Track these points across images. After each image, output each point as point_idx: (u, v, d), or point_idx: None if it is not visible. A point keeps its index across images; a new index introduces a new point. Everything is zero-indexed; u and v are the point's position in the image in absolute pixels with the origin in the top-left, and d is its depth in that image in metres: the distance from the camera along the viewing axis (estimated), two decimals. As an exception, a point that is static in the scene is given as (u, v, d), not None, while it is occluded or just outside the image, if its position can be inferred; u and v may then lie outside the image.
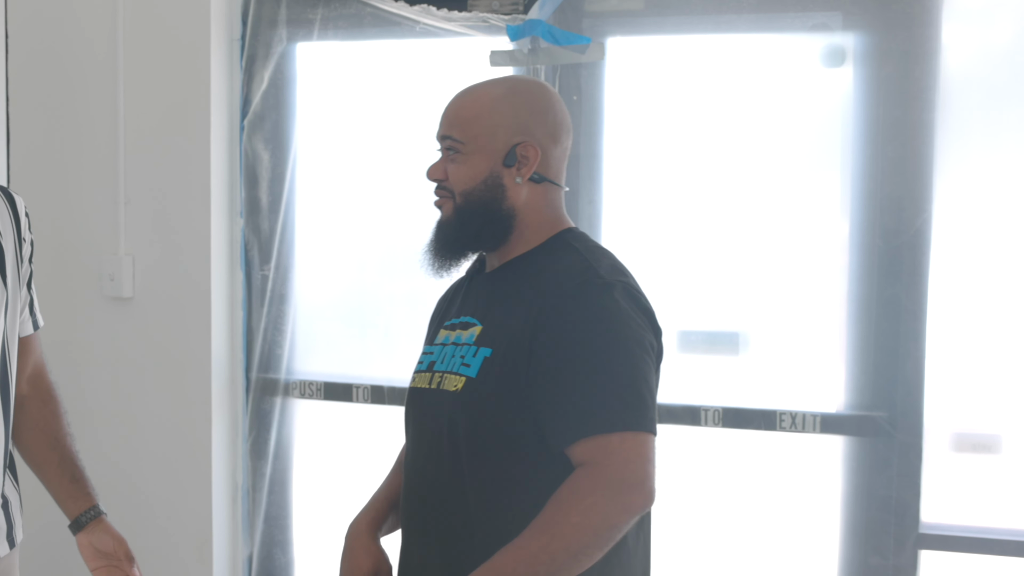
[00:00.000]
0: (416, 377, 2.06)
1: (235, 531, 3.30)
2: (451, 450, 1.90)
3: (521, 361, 1.84)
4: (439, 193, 2.01)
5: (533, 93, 2.02)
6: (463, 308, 2.04)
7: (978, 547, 2.83)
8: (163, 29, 3.16)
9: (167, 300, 3.20)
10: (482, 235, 1.98)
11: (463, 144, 1.96)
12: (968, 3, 2.78)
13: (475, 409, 1.87)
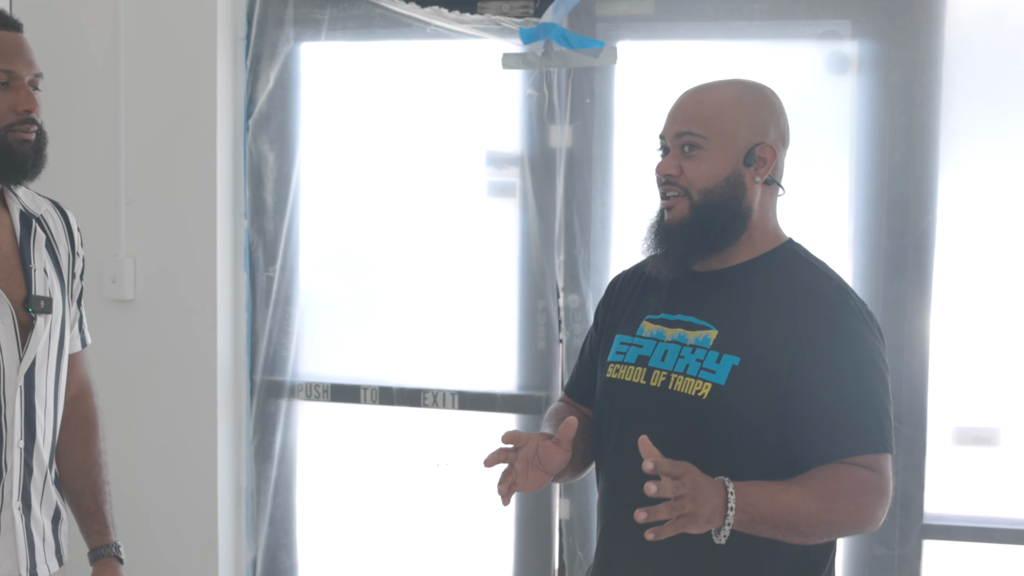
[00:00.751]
0: (620, 368, 2.01)
1: (239, 534, 3.29)
2: (692, 455, 1.80)
3: (779, 374, 1.84)
4: (670, 190, 1.96)
5: (768, 96, 2.02)
6: (676, 305, 2.00)
7: (979, 536, 2.90)
8: (166, 28, 3.14)
9: (170, 302, 3.18)
10: (724, 234, 1.94)
11: (706, 140, 1.92)
12: (971, 12, 2.83)
13: (727, 417, 1.87)
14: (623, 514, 1.90)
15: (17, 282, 2.02)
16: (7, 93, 1.95)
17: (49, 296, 2.05)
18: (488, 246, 3.18)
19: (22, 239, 2.05)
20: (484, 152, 3.19)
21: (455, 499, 3.23)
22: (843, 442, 1.83)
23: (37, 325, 2.01)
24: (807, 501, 1.78)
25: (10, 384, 1.98)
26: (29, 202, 2.11)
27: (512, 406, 3.14)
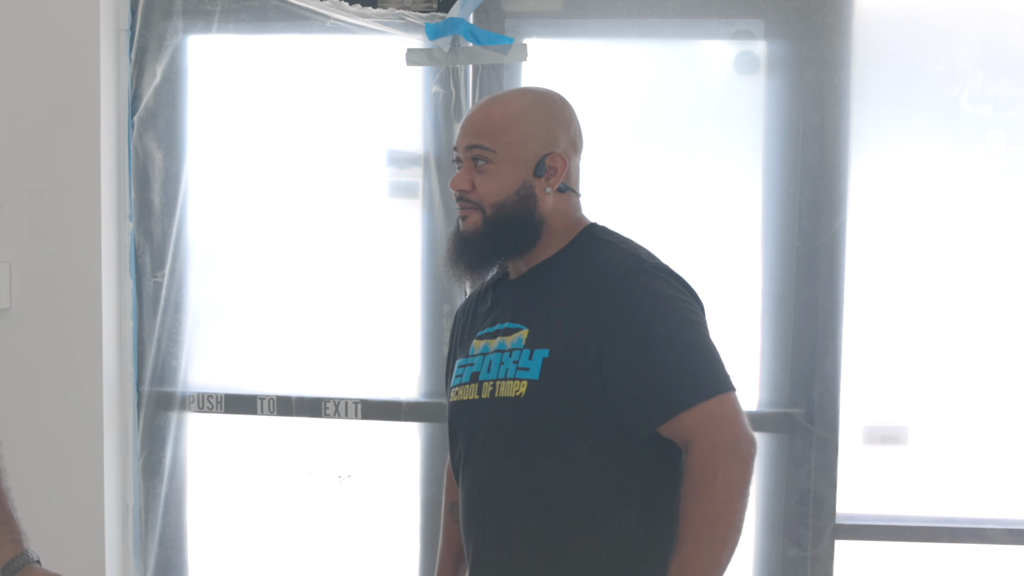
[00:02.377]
0: (459, 390, 2.04)
1: (127, 555, 3.12)
2: (522, 455, 1.90)
3: (588, 356, 1.85)
4: (463, 205, 2.00)
5: (557, 104, 2.03)
6: (497, 316, 2.03)
7: (890, 535, 2.94)
8: (41, 15, 2.93)
9: (50, 311, 3.00)
10: (517, 244, 1.97)
11: (494, 153, 1.94)
12: (880, 13, 2.84)
13: (545, 410, 1.88)
14: (478, 528, 2.00)
15: None
16: None
17: None
18: (390, 248, 3.08)
19: None
20: (386, 151, 3.10)
21: (359, 514, 3.13)
22: (670, 402, 1.81)
23: None
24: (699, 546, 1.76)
25: None
26: None
27: (418, 414, 3.02)
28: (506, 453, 1.93)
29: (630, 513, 1.90)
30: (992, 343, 2.92)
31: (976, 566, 2.96)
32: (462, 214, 2.02)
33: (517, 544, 1.93)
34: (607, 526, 1.90)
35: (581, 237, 2.03)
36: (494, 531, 1.98)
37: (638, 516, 1.91)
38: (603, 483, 1.89)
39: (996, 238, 2.91)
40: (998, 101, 2.87)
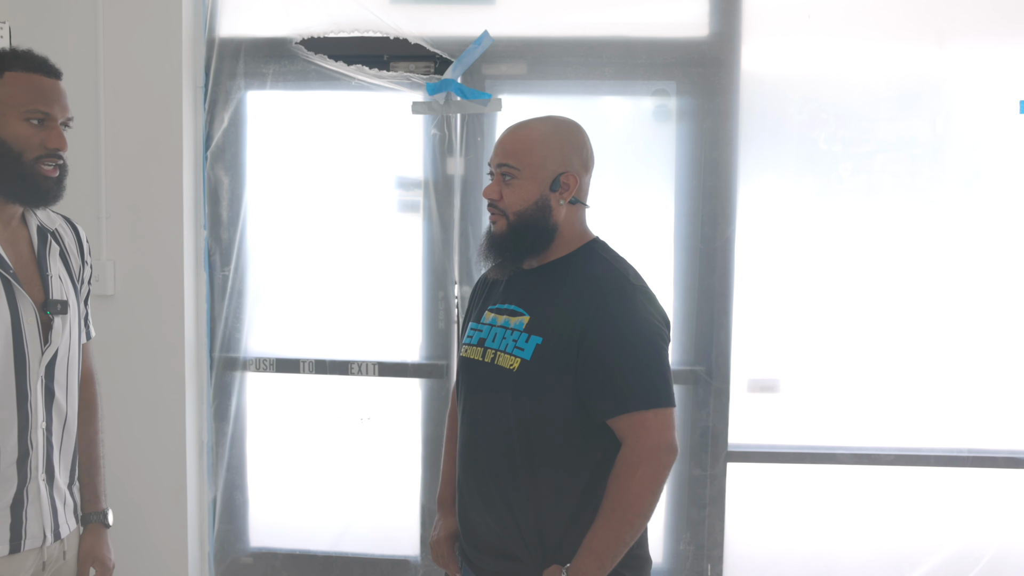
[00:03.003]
0: (467, 348, 2.11)
1: (203, 479, 3.39)
2: (506, 419, 1.98)
3: (571, 349, 1.92)
4: (493, 211, 2.05)
5: (572, 131, 2.07)
6: (507, 297, 2.07)
7: (767, 458, 3.28)
8: (140, 77, 3.18)
9: (144, 297, 3.23)
10: (534, 246, 2.02)
11: (519, 171, 2.00)
12: (759, 76, 3.14)
13: (529, 386, 1.95)
14: (469, 462, 2.09)
15: (37, 287, 1.99)
16: (40, 131, 1.92)
17: (65, 299, 2.02)
18: (399, 250, 3.34)
19: (39, 251, 2.02)
20: (395, 177, 3.34)
21: (376, 446, 3.41)
22: (616, 401, 1.91)
23: (55, 324, 1.99)
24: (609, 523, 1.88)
25: (34, 375, 1.96)
26: (45, 218, 2.08)
27: (420, 372, 3.35)
28: (496, 410, 2.00)
29: (580, 477, 1.96)
30: (839, 321, 3.23)
31: (828, 481, 3.29)
32: (492, 219, 2.05)
33: (492, 481, 2.02)
34: (561, 481, 1.96)
35: (585, 249, 2.06)
36: (480, 467, 2.05)
37: (586, 481, 1.97)
38: (564, 449, 1.95)
39: (844, 241, 3.20)
40: (847, 141, 3.16)
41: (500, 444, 2.01)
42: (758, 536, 3.36)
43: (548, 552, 1.99)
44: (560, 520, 1.98)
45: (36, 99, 1.92)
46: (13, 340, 1.91)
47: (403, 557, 3.43)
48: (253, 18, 3.29)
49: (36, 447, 1.99)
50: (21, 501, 1.97)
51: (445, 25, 3.22)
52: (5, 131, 1.90)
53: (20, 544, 1.97)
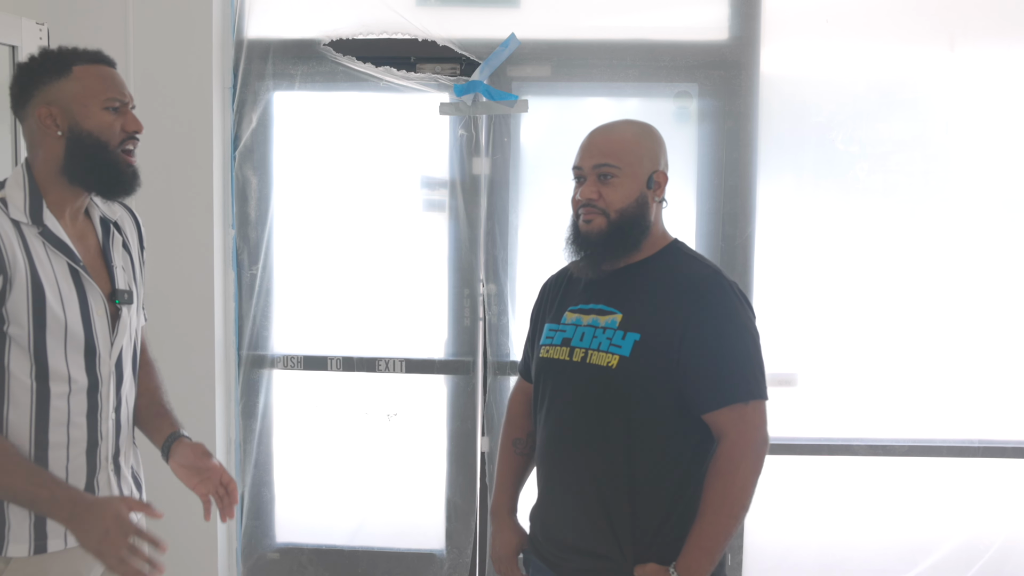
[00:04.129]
0: (551, 349, 2.05)
1: (231, 475, 3.28)
2: (605, 416, 1.94)
3: (672, 344, 1.90)
4: (590, 211, 1.99)
5: (656, 133, 2.08)
6: (591, 297, 2.04)
7: (785, 450, 3.19)
8: (171, 79, 3.13)
9: (175, 294, 3.16)
10: (635, 243, 1.99)
11: (620, 169, 1.97)
12: (779, 78, 3.11)
13: (630, 382, 1.92)
14: (556, 461, 2.04)
15: (103, 279, 1.95)
16: (119, 117, 1.91)
17: (130, 289, 2.00)
18: (426, 248, 3.29)
19: (103, 242, 1.99)
20: (420, 177, 3.29)
21: (402, 442, 3.35)
22: (722, 394, 1.89)
23: (123, 315, 1.95)
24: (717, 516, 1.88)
25: (104, 366, 1.92)
26: (106, 209, 2.04)
27: (446, 369, 3.29)
28: (594, 409, 1.95)
29: (675, 473, 1.94)
30: (856, 317, 3.18)
31: (845, 472, 3.24)
32: (587, 218, 1.99)
33: (588, 479, 1.96)
34: (658, 477, 1.93)
35: (669, 248, 2.04)
36: (573, 466, 1.99)
37: (680, 476, 1.94)
38: (662, 445, 1.93)
39: (860, 239, 3.17)
40: (863, 142, 3.13)
41: (598, 442, 1.97)
42: (777, 526, 3.31)
43: (640, 551, 1.96)
44: (655, 517, 1.96)
45: (110, 87, 1.91)
46: (84, 330, 1.88)
47: (429, 551, 3.37)
48: (281, 20, 3.23)
49: (106, 437, 1.97)
50: (92, 490, 1.94)
51: (471, 27, 3.18)
52: (90, 122, 1.88)
53: None
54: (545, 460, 2.09)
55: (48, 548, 1.88)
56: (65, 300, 1.86)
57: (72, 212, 1.95)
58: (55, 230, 1.87)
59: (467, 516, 3.31)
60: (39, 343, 1.82)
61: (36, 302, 1.81)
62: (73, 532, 1.75)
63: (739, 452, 1.90)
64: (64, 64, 1.90)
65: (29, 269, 1.81)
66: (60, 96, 1.87)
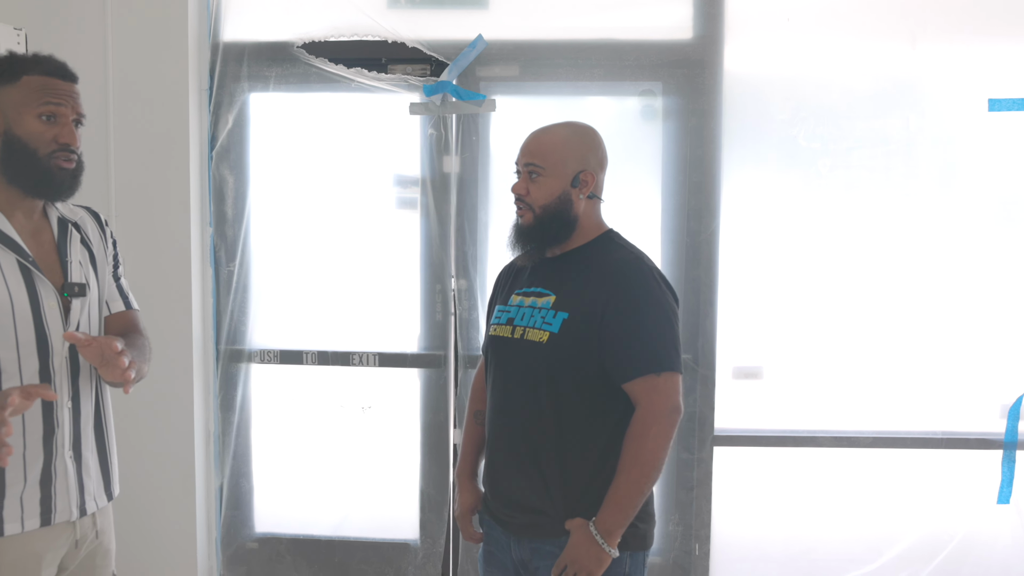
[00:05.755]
0: (496, 328, 2.14)
1: (209, 466, 3.26)
2: (537, 386, 2.01)
3: (594, 322, 1.97)
4: (520, 206, 2.08)
5: (589, 133, 2.12)
6: (533, 281, 2.11)
7: (751, 442, 3.15)
8: (147, 80, 3.07)
9: (153, 291, 3.05)
10: (558, 235, 2.06)
11: (544, 169, 2.04)
12: (742, 76, 3.02)
13: (558, 356, 1.99)
14: (499, 427, 2.10)
15: (56, 273, 1.93)
16: (52, 127, 1.88)
17: (84, 282, 1.96)
18: (398, 245, 3.21)
19: (59, 239, 1.97)
20: (393, 175, 3.21)
21: (377, 434, 3.28)
22: (631, 366, 1.95)
23: (74, 305, 1.93)
24: (628, 476, 1.93)
25: (57, 355, 1.89)
26: (66, 211, 2.02)
27: (419, 362, 3.21)
28: (527, 379, 2.03)
29: (600, 439, 2.00)
30: (820, 310, 3.10)
31: (810, 464, 3.15)
32: (519, 213, 2.08)
33: (523, 442, 2.04)
34: (584, 441, 1.99)
35: (602, 238, 2.10)
36: (510, 431, 2.07)
37: (605, 441, 1.99)
38: (588, 413, 2.00)
39: (823, 234, 3.07)
40: (825, 138, 3.03)
41: (531, 409, 2.05)
42: (743, 517, 3.22)
43: (571, 506, 2.02)
44: (582, 476, 2.02)
45: (47, 96, 1.90)
46: (34, 322, 1.87)
47: (404, 541, 3.28)
48: (256, 23, 3.16)
49: (62, 424, 1.93)
50: (50, 476, 1.92)
51: (441, 29, 3.09)
52: (21, 129, 1.88)
53: (51, 517, 1.92)
54: (491, 426, 2.16)
55: (5, 532, 1.86)
56: (12, 292, 1.84)
57: (24, 211, 1.94)
58: (4, 229, 1.87)
59: (440, 507, 3.22)
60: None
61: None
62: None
63: (651, 418, 1.96)
64: (14, 72, 1.91)
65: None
66: (3, 102, 1.89)
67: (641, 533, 2.04)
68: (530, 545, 2.06)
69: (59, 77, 1.92)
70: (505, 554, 2.13)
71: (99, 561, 2.05)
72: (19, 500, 1.86)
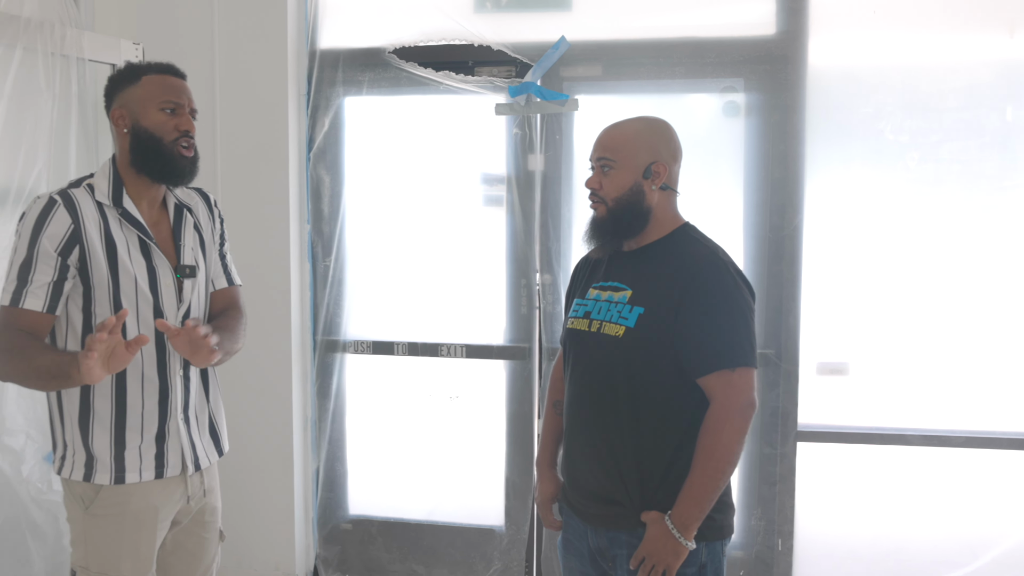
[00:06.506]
0: (574, 321, 2.11)
1: (307, 450, 3.35)
2: (613, 380, 1.99)
3: (670, 317, 1.94)
4: (594, 199, 2.05)
5: (660, 126, 2.08)
6: (609, 275, 2.08)
7: (836, 438, 3.05)
8: (251, 87, 3.18)
9: (256, 284, 3.15)
10: (631, 227, 2.03)
11: (615, 162, 2.02)
12: (826, 70, 2.92)
13: (634, 350, 1.97)
14: (576, 418, 2.09)
15: (171, 256, 2.07)
16: (173, 117, 2.03)
17: (194, 264, 2.10)
18: (484, 241, 3.24)
19: (175, 225, 2.11)
20: (479, 173, 3.24)
21: (463, 423, 3.32)
22: (707, 361, 1.92)
23: (186, 285, 2.08)
24: (704, 469, 1.90)
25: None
26: (182, 195, 2.17)
27: (504, 354, 3.23)
28: (603, 372, 2.01)
29: (676, 432, 1.96)
30: (908, 306, 2.97)
31: (899, 462, 3.03)
32: (593, 206, 2.06)
33: (600, 434, 2.02)
34: (660, 435, 1.96)
35: (679, 232, 2.06)
36: (587, 423, 2.05)
37: (681, 435, 1.97)
38: (663, 406, 1.97)
39: (911, 229, 2.95)
40: (913, 132, 2.91)
41: (607, 402, 2.03)
42: (828, 514, 3.11)
43: (646, 498, 2.00)
44: (658, 469, 1.99)
45: (167, 92, 2.06)
46: (152, 298, 2.03)
47: (489, 527, 3.30)
48: (350, 30, 3.23)
49: (175, 389, 2.09)
50: (164, 435, 2.08)
51: (525, 31, 3.10)
52: (147, 120, 2.03)
53: (163, 471, 2.07)
54: (568, 418, 2.15)
55: (126, 480, 2.04)
56: (137, 272, 2.02)
57: (149, 201, 2.10)
58: (132, 211, 2.05)
59: (524, 494, 3.23)
60: (116, 301, 1.99)
61: (112, 274, 1.98)
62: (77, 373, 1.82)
63: (725, 413, 1.92)
64: (135, 74, 2.08)
65: (105, 244, 1.98)
66: (128, 100, 2.06)
67: (718, 524, 2.00)
68: (607, 535, 2.05)
69: (173, 74, 2.10)
70: (582, 542, 2.12)
71: (207, 517, 2.21)
72: (138, 452, 2.03)
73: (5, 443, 2.62)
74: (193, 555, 2.18)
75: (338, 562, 3.38)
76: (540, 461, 2.30)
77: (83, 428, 2.00)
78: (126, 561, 2.01)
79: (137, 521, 2.02)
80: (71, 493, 2.04)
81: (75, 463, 2.01)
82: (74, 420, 2.01)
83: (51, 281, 1.93)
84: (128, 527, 2.01)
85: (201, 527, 2.19)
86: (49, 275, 1.93)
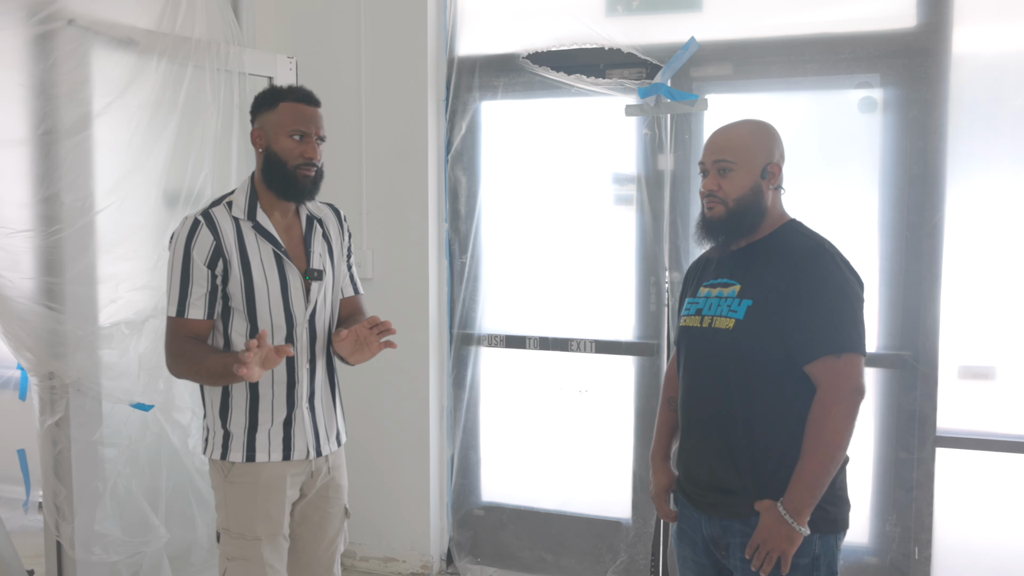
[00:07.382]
0: (687, 319, 2.12)
1: (442, 438, 3.43)
2: (725, 372, 1.99)
3: (777, 307, 1.93)
4: (711, 201, 2.03)
5: (771, 129, 2.08)
6: (719, 272, 2.08)
7: (979, 445, 2.85)
8: (393, 93, 3.28)
9: (396, 280, 3.32)
10: (751, 226, 2.02)
11: (735, 164, 2.00)
12: (971, 62, 2.75)
13: (744, 341, 1.97)
14: (691, 411, 2.09)
15: (302, 260, 2.19)
16: (300, 144, 2.13)
17: (321, 269, 2.20)
18: (615, 239, 3.21)
19: (306, 233, 2.22)
20: (610, 173, 3.22)
21: (592, 416, 3.30)
22: (814, 347, 1.89)
23: (313, 287, 2.18)
24: (814, 456, 1.87)
25: (299, 325, 2.16)
26: (314, 209, 2.26)
27: (632, 350, 3.20)
28: (716, 365, 2.01)
29: (788, 421, 1.94)
30: None
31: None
32: (709, 206, 2.04)
33: (714, 426, 2.02)
34: (772, 424, 1.95)
35: (785, 227, 2.05)
36: (702, 416, 2.06)
37: (793, 423, 1.94)
38: (775, 395, 1.95)
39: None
40: None
41: (720, 394, 2.03)
42: (970, 523, 2.91)
43: (760, 486, 1.98)
44: (771, 458, 1.97)
45: (298, 121, 2.17)
46: (283, 301, 2.16)
47: (616, 519, 3.28)
48: (486, 38, 3.28)
49: (301, 381, 2.20)
50: (291, 422, 2.20)
51: (655, 33, 3.06)
52: (277, 145, 2.16)
53: (290, 454, 2.20)
54: (683, 410, 2.16)
55: (256, 459, 2.18)
56: (268, 278, 2.15)
57: (281, 210, 2.22)
58: (264, 224, 2.17)
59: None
60: (251, 310, 2.14)
61: (246, 280, 2.12)
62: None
63: (831, 399, 1.90)
64: (274, 99, 2.20)
65: (240, 254, 2.12)
66: (265, 123, 2.19)
67: (831, 517, 1.95)
68: (720, 523, 2.04)
69: (307, 103, 2.19)
70: (696, 531, 2.10)
71: (332, 493, 2.30)
72: (267, 435, 2.17)
73: (175, 418, 2.82)
74: (319, 527, 2.28)
75: (471, 546, 3.44)
76: (654, 454, 2.32)
77: (222, 414, 2.17)
78: (260, 524, 2.16)
79: (268, 488, 2.17)
80: (214, 465, 2.22)
81: (214, 444, 2.18)
82: (215, 407, 2.18)
83: (206, 292, 2.12)
84: (260, 493, 2.17)
85: (326, 502, 2.29)
86: (204, 287, 2.12)
